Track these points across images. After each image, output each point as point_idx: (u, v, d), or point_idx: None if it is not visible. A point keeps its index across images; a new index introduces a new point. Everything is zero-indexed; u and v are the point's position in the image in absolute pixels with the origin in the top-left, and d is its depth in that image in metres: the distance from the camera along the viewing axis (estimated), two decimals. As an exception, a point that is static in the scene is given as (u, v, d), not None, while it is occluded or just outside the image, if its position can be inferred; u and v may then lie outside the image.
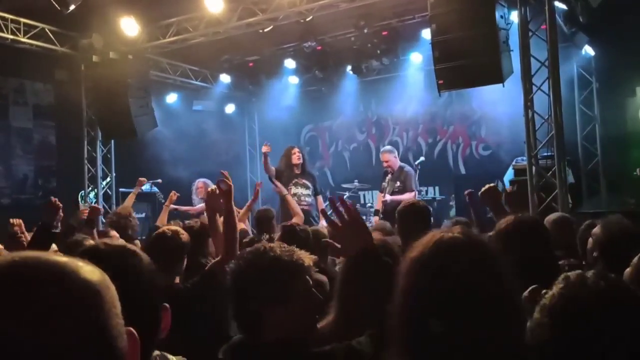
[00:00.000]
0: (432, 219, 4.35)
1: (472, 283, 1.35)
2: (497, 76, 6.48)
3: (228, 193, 3.30)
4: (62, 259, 0.84)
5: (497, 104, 9.43)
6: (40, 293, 0.77)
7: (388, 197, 7.63)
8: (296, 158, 7.81)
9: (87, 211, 6.87)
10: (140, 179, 7.19)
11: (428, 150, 11.17)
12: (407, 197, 7.61)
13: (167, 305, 1.45)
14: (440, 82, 6.88)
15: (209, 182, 8.32)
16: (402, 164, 8.24)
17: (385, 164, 8.08)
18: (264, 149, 7.77)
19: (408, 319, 1.37)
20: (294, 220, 5.28)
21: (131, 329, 0.86)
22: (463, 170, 10.90)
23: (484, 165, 10.44)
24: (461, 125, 10.97)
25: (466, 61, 6.57)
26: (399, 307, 1.39)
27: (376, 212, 8.13)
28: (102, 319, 0.80)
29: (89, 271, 0.84)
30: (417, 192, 8.09)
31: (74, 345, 0.76)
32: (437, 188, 10.67)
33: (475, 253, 1.41)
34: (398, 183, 7.77)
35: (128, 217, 5.60)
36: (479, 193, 3.97)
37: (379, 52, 9.72)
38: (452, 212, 10.13)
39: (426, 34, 8.33)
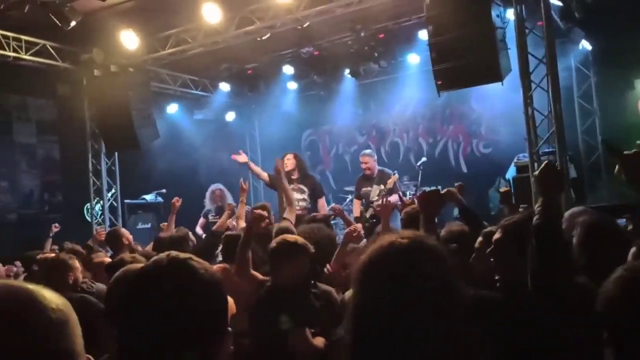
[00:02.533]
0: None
1: (421, 289, 1.28)
2: (495, 75, 6.54)
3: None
4: (30, 287, 0.88)
5: (496, 102, 9.50)
6: (8, 323, 0.83)
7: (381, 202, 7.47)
8: (286, 165, 7.54)
9: (103, 232, 7.04)
10: (174, 200, 6.80)
11: (429, 150, 11.22)
12: (395, 198, 7.54)
13: None
14: (439, 82, 6.94)
15: (223, 188, 8.44)
16: (381, 167, 8.15)
17: (364, 165, 7.91)
18: (239, 158, 7.63)
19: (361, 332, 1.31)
20: (286, 213, 5.15)
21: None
22: (465, 169, 10.95)
23: (485, 163, 10.50)
24: (461, 124, 11.04)
25: (464, 61, 6.62)
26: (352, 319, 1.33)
27: (358, 219, 7.73)
28: (67, 344, 0.87)
29: (54, 298, 0.89)
30: (400, 194, 8.07)
31: None
32: (439, 188, 10.69)
33: (421, 258, 1.34)
34: (382, 186, 7.59)
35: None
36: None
37: (376, 54, 9.78)
38: (455, 212, 10.17)
39: (423, 35, 8.41)
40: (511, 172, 7.97)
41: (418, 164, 8.98)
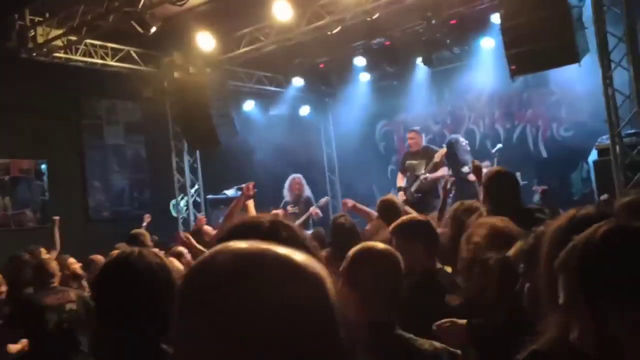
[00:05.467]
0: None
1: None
2: (572, 56, 6.33)
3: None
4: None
5: (577, 83, 9.09)
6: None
7: (429, 175, 7.79)
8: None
9: (204, 219, 7.69)
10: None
11: (506, 135, 10.93)
12: (441, 173, 8.02)
13: None
14: (513, 67, 6.80)
15: (302, 177, 8.93)
16: (427, 144, 8.57)
17: (409, 141, 8.37)
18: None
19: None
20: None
21: None
22: (545, 154, 10.59)
23: (566, 147, 10.09)
24: (539, 108, 10.67)
25: (539, 44, 6.46)
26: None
27: (400, 189, 8.37)
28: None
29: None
30: (448, 169, 8.29)
31: None
32: (518, 174, 10.37)
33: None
34: (426, 160, 8.04)
35: None
36: None
37: (448, 41, 9.63)
38: (536, 198, 9.89)
39: (496, 18, 8.22)
40: (593, 156, 7.67)
41: (493, 150, 8.82)
